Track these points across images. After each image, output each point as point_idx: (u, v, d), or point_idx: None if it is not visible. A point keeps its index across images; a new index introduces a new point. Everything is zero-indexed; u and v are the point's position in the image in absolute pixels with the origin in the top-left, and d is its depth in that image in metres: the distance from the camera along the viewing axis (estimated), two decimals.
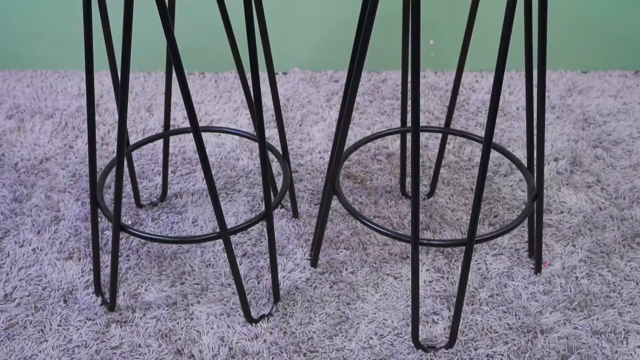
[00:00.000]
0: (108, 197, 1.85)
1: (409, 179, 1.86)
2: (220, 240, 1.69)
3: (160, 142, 2.03)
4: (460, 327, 1.49)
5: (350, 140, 2.07)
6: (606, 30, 2.37)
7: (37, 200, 1.83)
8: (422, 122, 2.15)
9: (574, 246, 1.70)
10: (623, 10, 2.34)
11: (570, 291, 1.58)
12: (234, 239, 1.72)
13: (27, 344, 1.46)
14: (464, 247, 1.38)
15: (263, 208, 1.81)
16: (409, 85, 1.54)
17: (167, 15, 1.18)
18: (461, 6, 2.08)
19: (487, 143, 1.27)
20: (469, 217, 1.56)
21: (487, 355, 1.45)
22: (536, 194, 1.50)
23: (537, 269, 1.62)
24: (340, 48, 2.35)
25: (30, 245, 1.70)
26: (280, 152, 1.65)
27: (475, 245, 1.66)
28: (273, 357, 1.44)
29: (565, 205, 1.82)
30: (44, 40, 2.38)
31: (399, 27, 2.12)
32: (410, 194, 1.79)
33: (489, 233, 1.42)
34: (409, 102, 1.73)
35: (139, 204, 1.82)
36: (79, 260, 1.66)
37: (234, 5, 1.79)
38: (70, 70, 2.41)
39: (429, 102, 2.25)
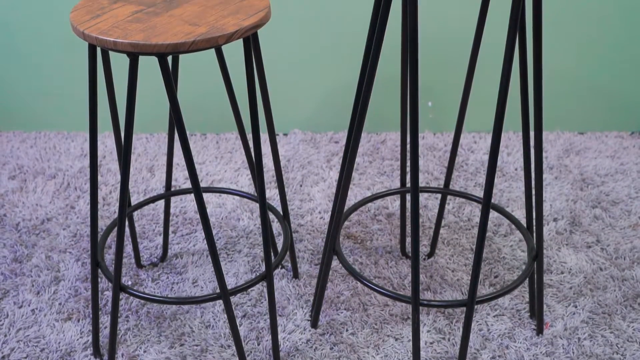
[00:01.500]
0: (109, 257, 1.85)
1: (409, 239, 1.86)
2: (221, 301, 1.68)
3: (161, 203, 2.04)
4: None
5: (350, 200, 2.08)
6: (602, 92, 2.41)
7: (38, 260, 1.83)
8: (422, 183, 2.17)
9: (576, 307, 1.69)
10: (618, 72, 2.39)
11: (573, 353, 1.57)
12: (234, 299, 1.71)
13: None
14: (464, 308, 1.37)
15: (263, 268, 1.81)
16: (408, 146, 1.56)
17: (170, 78, 1.21)
18: (458, 69, 2.13)
19: (486, 204, 1.28)
20: (470, 278, 1.56)
21: None
22: (536, 254, 1.51)
23: (539, 330, 1.61)
24: (340, 109, 2.39)
25: (29, 306, 1.69)
26: (281, 213, 1.66)
27: (476, 306, 1.65)
28: None
29: (566, 265, 1.82)
30: (48, 101, 2.42)
31: (398, 89, 2.16)
32: (410, 254, 1.80)
33: (490, 294, 1.42)
34: (408, 163, 1.75)
35: (139, 264, 1.82)
36: (78, 321, 1.65)
37: (235, 67, 1.83)
38: (73, 131, 2.44)
39: (428, 163, 2.27)
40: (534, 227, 1.51)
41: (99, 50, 1.67)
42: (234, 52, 1.99)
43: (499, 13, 1.92)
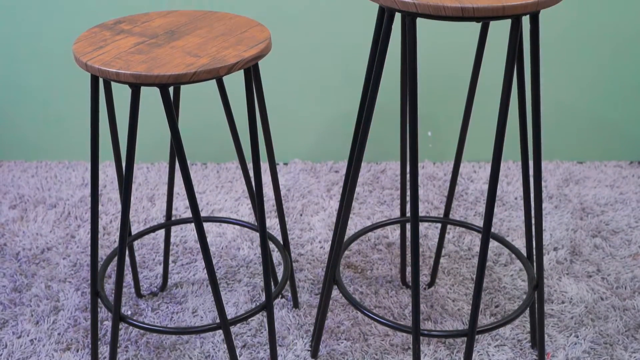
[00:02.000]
0: (108, 286, 1.84)
1: (409, 269, 1.86)
2: (220, 331, 1.68)
3: (161, 232, 2.04)
4: None
5: (351, 230, 2.08)
6: (600, 121, 2.43)
7: (37, 290, 1.82)
8: (422, 212, 2.17)
9: (577, 337, 1.68)
10: (616, 102, 2.40)
11: None
12: (234, 329, 1.70)
13: None
14: (465, 338, 1.36)
15: (263, 298, 1.80)
16: (408, 175, 1.56)
17: (171, 109, 1.22)
18: (458, 98, 2.14)
19: (486, 233, 1.28)
20: (470, 307, 1.55)
21: None
22: (536, 284, 1.50)
23: None
24: (340, 139, 2.40)
25: (28, 336, 1.68)
26: (281, 242, 1.66)
27: (477, 336, 1.64)
28: None
29: (567, 295, 1.81)
30: (49, 131, 2.44)
31: (398, 119, 2.17)
32: (410, 284, 1.79)
33: (491, 324, 1.42)
34: (408, 192, 1.75)
35: (139, 294, 1.82)
36: (77, 351, 1.64)
37: (236, 97, 1.84)
38: (74, 160, 2.45)
39: (428, 192, 2.27)
40: (534, 257, 1.51)
41: (101, 80, 1.68)
42: (235, 81, 2.01)
43: (497, 44, 1.94)
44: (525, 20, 1.38)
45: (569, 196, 2.25)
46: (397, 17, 1.65)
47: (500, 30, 1.93)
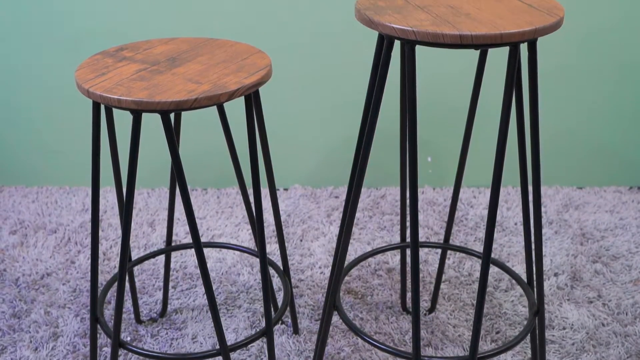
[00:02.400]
0: (108, 312, 1.84)
1: (409, 294, 1.85)
2: (220, 357, 1.67)
3: (161, 257, 2.04)
4: None
5: (351, 255, 2.08)
6: (600, 147, 2.44)
7: (36, 316, 1.82)
8: (422, 238, 2.17)
9: None
10: (615, 128, 2.41)
11: None
12: (233, 355, 1.69)
13: None
14: None
15: (263, 324, 1.80)
16: (408, 201, 1.57)
17: (172, 135, 1.23)
18: (457, 124, 2.16)
19: (486, 259, 1.28)
20: (471, 333, 1.55)
21: None
22: (537, 310, 1.50)
23: None
24: (340, 165, 2.41)
25: None
26: (281, 268, 1.66)
27: None
28: None
29: (568, 321, 1.81)
30: (50, 157, 2.44)
31: (397, 145, 2.18)
32: (411, 310, 1.79)
33: (492, 350, 1.41)
34: (408, 218, 1.75)
35: (138, 320, 1.81)
36: None
37: (236, 122, 1.85)
38: (75, 186, 2.46)
39: (428, 218, 2.27)
40: (535, 282, 1.51)
41: (102, 107, 1.69)
42: (236, 107, 2.02)
43: (496, 70, 1.96)
44: (524, 48, 1.39)
45: (569, 221, 2.25)
46: (397, 43, 1.67)
47: (499, 57, 1.94)
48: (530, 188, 1.95)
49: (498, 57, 1.95)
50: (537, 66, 1.30)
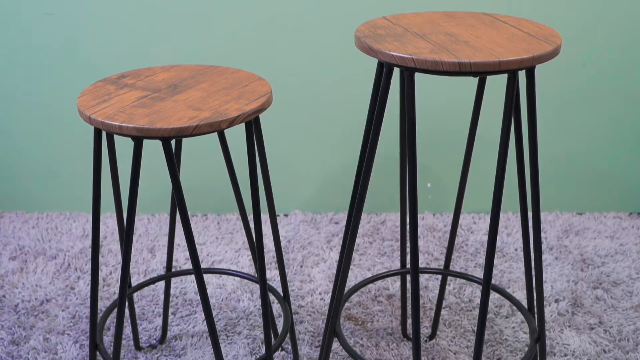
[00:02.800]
0: (107, 339, 1.83)
1: (410, 321, 1.85)
2: None
3: (161, 283, 2.03)
4: None
5: (351, 281, 2.08)
6: (599, 173, 2.45)
7: (35, 342, 1.81)
8: (422, 264, 2.17)
9: None
10: (615, 153, 2.42)
11: None
12: None
13: None
14: None
15: (263, 351, 1.79)
16: (408, 227, 1.57)
17: (173, 162, 1.23)
18: (457, 150, 2.16)
19: (486, 285, 1.28)
20: None
21: None
22: (538, 336, 1.49)
23: None
24: (340, 190, 2.42)
25: None
26: (281, 294, 1.66)
27: None
28: None
29: (569, 347, 1.80)
30: (50, 182, 2.45)
31: (397, 170, 2.19)
32: (411, 336, 1.78)
33: None
34: (408, 244, 1.75)
35: (138, 347, 1.80)
36: None
37: (237, 148, 1.86)
38: (75, 211, 2.46)
39: (428, 244, 2.27)
40: (536, 309, 1.51)
41: (104, 133, 1.70)
42: (236, 133, 2.03)
43: (495, 96, 1.97)
44: (522, 74, 1.41)
45: (569, 247, 2.25)
46: (396, 70, 1.68)
47: (498, 83, 1.96)
48: (530, 214, 1.95)
49: (497, 84, 1.97)
50: (536, 93, 1.31)
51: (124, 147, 1.95)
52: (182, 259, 2.20)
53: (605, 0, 2.22)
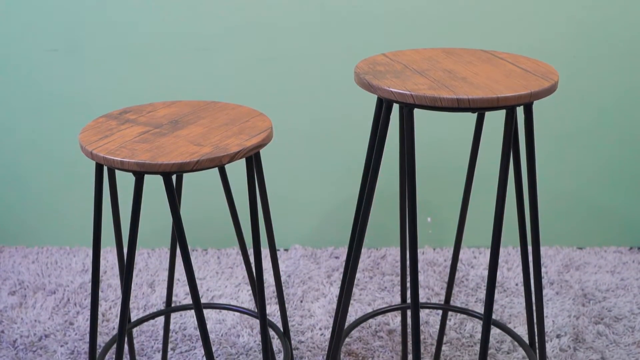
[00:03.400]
0: None
1: (411, 356, 1.83)
2: None
3: (161, 319, 2.02)
4: None
5: (351, 316, 2.07)
6: (599, 207, 2.45)
7: None
8: (422, 298, 2.16)
9: None
10: (615, 188, 2.43)
11: None
12: None
13: None
14: None
15: None
16: (408, 261, 1.57)
17: (174, 197, 1.24)
18: (456, 184, 2.17)
19: (487, 320, 1.27)
20: None
21: None
22: None
23: None
24: (340, 225, 2.42)
25: None
26: (281, 329, 1.65)
27: None
28: None
29: None
30: (50, 217, 2.45)
31: (397, 205, 2.19)
32: None
33: None
34: (409, 278, 1.75)
35: None
36: None
37: (237, 182, 1.87)
38: (75, 246, 2.46)
39: (428, 278, 2.27)
40: (537, 344, 1.50)
41: (105, 168, 1.71)
42: (237, 167, 2.04)
43: (494, 131, 1.99)
44: (520, 110, 1.42)
45: (570, 282, 2.24)
46: (396, 106, 1.69)
47: (496, 118, 1.97)
48: (530, 248, 1.95)
49: (495, 119, 1.98)
50: (534, 128, 1.32)
51: (125, 181, 1.96)
52: (181, 293, 2.19)
53: (605, 37, 2.25)
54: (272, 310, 2.10)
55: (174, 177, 1.72)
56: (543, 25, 2.24)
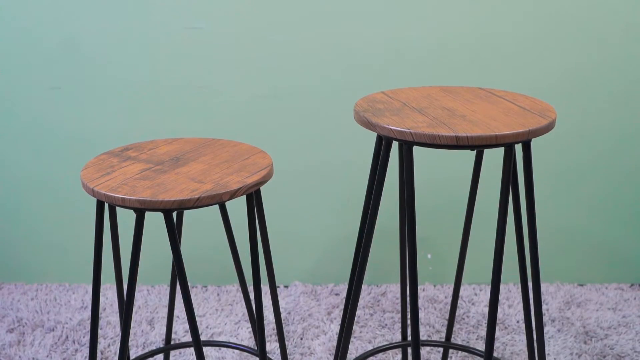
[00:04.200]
0: None
1: None
2: None
3: (160, 356, 2.01)
4: None
5: (352, 354, 2.05)
6: (600, 244, 2.45)
7: None
8: (423, 336, 2.15)
9: None
10: (615, 224, 2.43)
11: None
12: None
13: None
14: None
15: None
16: (408, 298, 1.57)
17: (175, 234, 1.24)
18: (456, 221, 2.17)
19: (488, 358, 1.27)
20: None
21: None
22: None
23: None
24: (340, 261, 2.42)
25: None
26: None
27: None
28: None
29: None
30: (50, 254, 2.45)
31: (397, 240, 2.19)
32: None
33: None
34: (409, 316, 1.75)
35: None
36: None
37: (237, 219, 1.87)
38: (75, 283, 2.45)
39: (429, 315, 2.26)
40: None
41: (106, 205, 1.72)
42: (237, 204, 2.04)
43: (493, 168, 2.00)
44: (519, 147, 1.43)
45: (572, 319, 2.23)
46: (395, 143, 1.71)
47: (495, 155, 1.99)
48: (530, 285, 1.95)
49: (494, 156, 1.99)
50: (532, 165, 1.33)
51: (125, 217, 1.97)
52: (181, 331, 2.18)
53: (601, 74, 2.28)
54: (272, 347, 2.09)
55: (174, 214, 1.72)
56: (541, 63, 2.27)
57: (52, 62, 2.27)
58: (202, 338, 2.13)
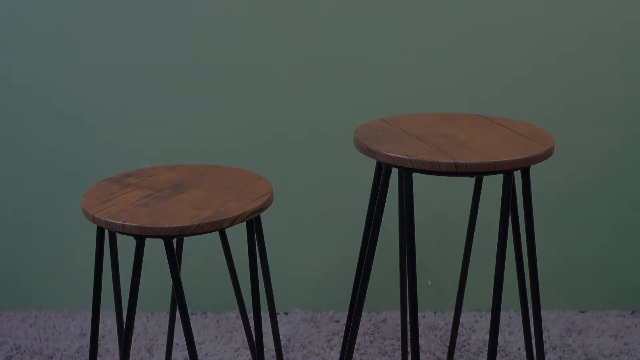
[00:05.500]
0: None
1: None
2: None
3: None
4: None
5: None
6: (600, 271, 2.44)
7: None
8: None
9: None
10: (616, 251, 2.43)
11: None
12: None
13: None
14: None
15: None
16: (409, 325, 1.56)
17: (175, 260, 1.24)
18: (456, 248, 2.17)
19: None
20: None
21: None
22: None
23: None
24: (340, 289, 2.41)
25: None
26: None
27: None
28: None
29: None
30: (48, 281, 2.44)
31: (397, 267, 2.19)
32: None
33: None
34: (410, 343, 1.74)
35: None
36: None
37: (237, 245, 1.87)
38: (74, 310, 2.44)
39: (429, 342, 2.24)
40: None
41: (106, 232, 1.72)
42: (237, 230, 2.04)
43: (492, 194, 2.00)
44: (518, 174, 1.44)
45: (573, 346, 2.22)
46: (395, 170, 1.71)
47: (495, 182, 1.99)
48: (531, 312, 1.94)
49: (494, 182, 2.00)
50: (532, 191, 1.33)
51: (124, 243, 1.96)
52: (180, 358, 2.17)
53: (600, 99, 2.29)
54: None
55: (174, 241, 1.72)
56: (540, 91, 2.28)
57: (52, 87, 2.29)
58: None
